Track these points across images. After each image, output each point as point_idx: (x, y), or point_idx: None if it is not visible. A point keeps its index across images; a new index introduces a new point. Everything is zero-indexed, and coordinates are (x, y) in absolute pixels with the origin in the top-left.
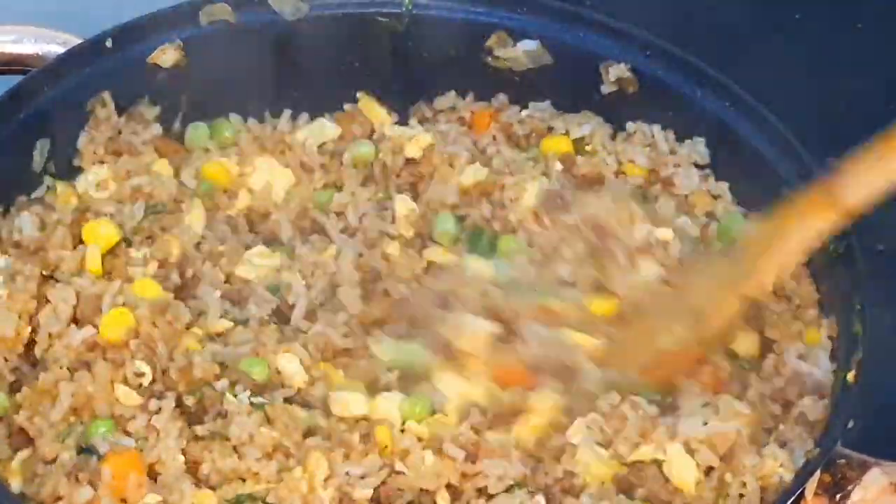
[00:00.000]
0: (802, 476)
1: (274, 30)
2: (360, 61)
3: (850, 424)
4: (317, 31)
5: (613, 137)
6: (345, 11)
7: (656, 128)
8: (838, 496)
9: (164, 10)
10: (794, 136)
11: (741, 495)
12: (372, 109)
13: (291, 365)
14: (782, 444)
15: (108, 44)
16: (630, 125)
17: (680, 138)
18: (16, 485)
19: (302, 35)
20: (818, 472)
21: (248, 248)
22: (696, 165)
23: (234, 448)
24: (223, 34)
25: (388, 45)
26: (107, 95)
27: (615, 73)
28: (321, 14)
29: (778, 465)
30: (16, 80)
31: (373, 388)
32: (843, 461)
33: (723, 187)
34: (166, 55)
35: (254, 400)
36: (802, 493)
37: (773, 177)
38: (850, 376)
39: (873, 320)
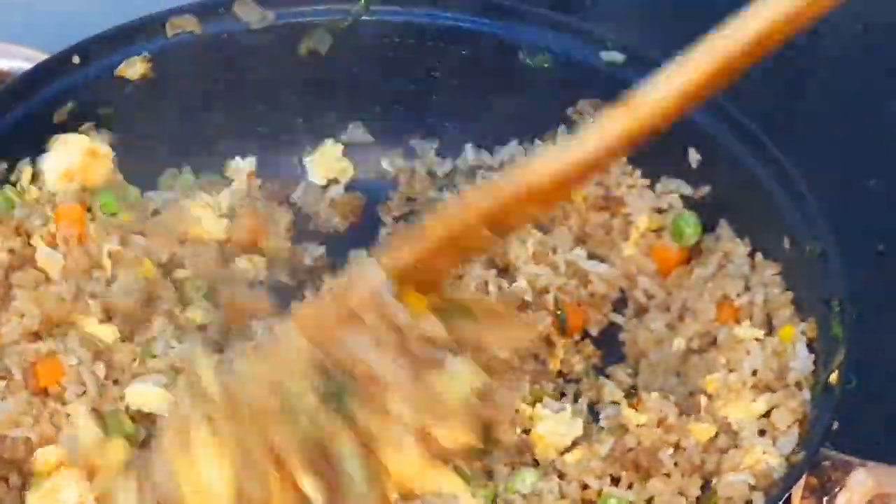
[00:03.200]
0: (789, 480)
1: (241, 39)
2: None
3: (835, 426)
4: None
5: None
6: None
7: None
8: (825, 499)
9: (130, 22)
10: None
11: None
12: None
13: None
14: (762, 433)
15: (76, 59)
16: None
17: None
18: None
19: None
20: (804, 476)
21: None
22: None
23: None
24: (190, 45)
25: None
26: None
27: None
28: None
29: (762, 453)
30: None
31: None
32: (828, 463)
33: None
34: (133, 68)
35: None
36: (789, 497)
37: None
38: (833, 378)
39: (874, 320)
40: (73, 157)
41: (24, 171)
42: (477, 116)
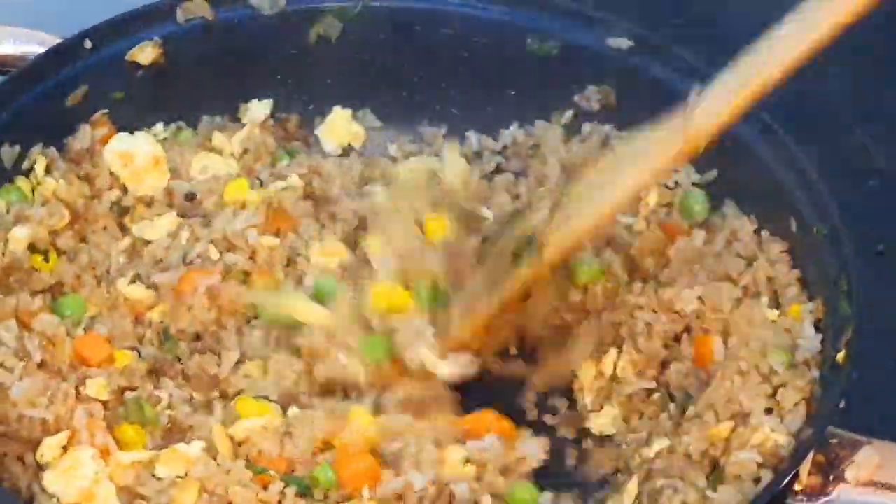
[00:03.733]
0: (797, 457)
1: (253, 25)
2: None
3: (842, 405)
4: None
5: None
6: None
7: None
8: (832, 476)
9: (141, 7)
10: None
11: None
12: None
13: None
14: (769, 412)
15: (87, 44)
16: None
17: None
18: None
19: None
20: (812, 453)
21: None
22: None
23: None
24: (201, 30)
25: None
26: None
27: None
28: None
29: (770, 431)
30: None
31: None
32: (835, 440)
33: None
34: (145, 53)
35: None
36: (797, 474)
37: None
38: (840, 357)
39: (874, 319)
40: (141, 151)
41: (38, 160)
42: (485, 103)
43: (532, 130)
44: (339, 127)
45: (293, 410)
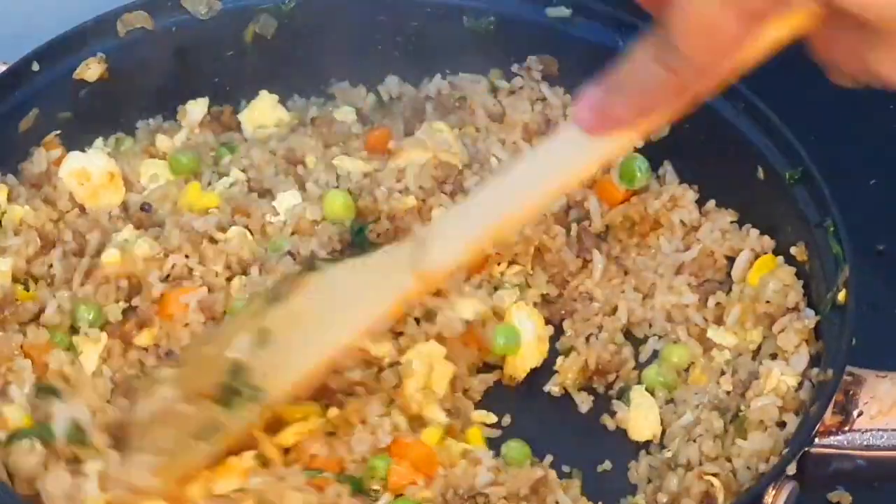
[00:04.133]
0: (823, 400)
1: (191, 29)
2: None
3: (853, 342)
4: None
5: (494, 94)
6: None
7: (544, 85)
8: (854, 412)
9: (82, 24)
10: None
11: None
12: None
13: None
14: (774, 357)
15: (35, 66)
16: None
17: None
18: None
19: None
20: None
21: None
22: None
23: None
24: (143, 41)
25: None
26: None
27: None
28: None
29: (780, 375)
30: None
31: None
32: (849, 378)
33: None
34: (91, 69)
35: None
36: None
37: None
38: (841, 296)
39: (874, 318)
40: (96, 168)
41: None
42: (418, 80)
43: (456, 82)
44: (263, 111)
45: (332, 411)
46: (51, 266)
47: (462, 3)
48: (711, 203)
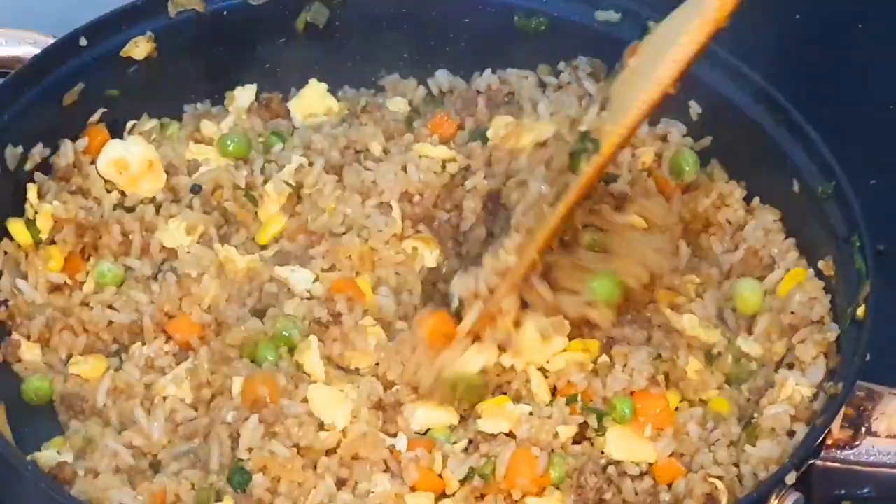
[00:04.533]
0: (831, 412)
1: (242, 14)
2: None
3: (868, 358)
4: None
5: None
6: None
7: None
8: (863, 427)
9: (133, 3)
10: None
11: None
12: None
13: None
14: (791, 367)
15: (82, 42)
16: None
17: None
18: None
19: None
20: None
21: None
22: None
23: None
24: (192, 23)
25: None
26: None
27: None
28: None
29: (795, 385)
30: None
31: None
32: (862, 393)
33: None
34: (139, 48)
35: None
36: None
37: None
38: (861, 312)
39: (874, 318)
40: (134, 157)
41: (30, 188)
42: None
43: (505, 76)
44: (313, 100)
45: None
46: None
47: (513, 2)
48: (756, 200)
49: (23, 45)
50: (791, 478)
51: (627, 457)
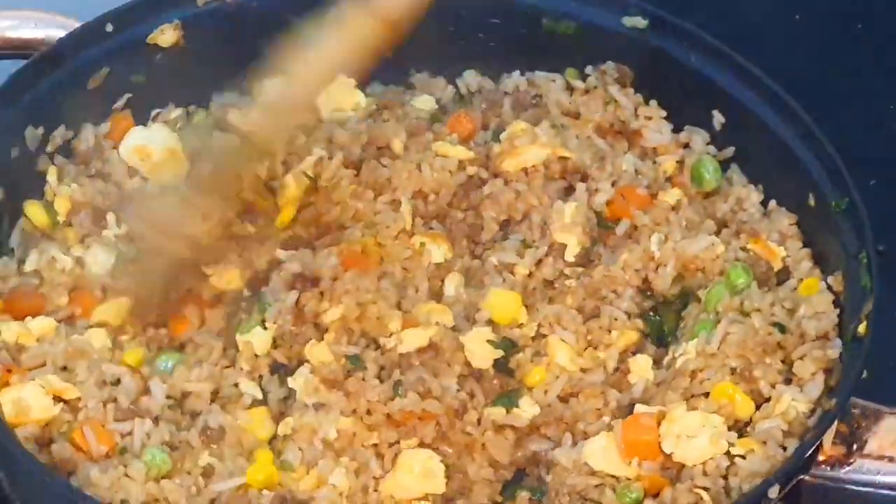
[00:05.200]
0: (822, 425)
1: (270, 7)
2: None
3: (864, 375)
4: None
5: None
6: None
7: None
8: (854, 445)
9: None
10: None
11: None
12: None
13: None
14: (788, 382)
15: (109, 27)
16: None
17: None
18: None
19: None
20: (835, 423)
21: None
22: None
23: None
24: (220, 12)
25: None
26: None
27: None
28: None
29: (791, 400)
30: (18, 64)
31: None
32: (857, 411)
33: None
34: (165, 35)
35: None
36: (821, 443)
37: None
38: (861, 328)
39: (874, 318)
40: (156, 144)
41: (49, 170)
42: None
43: (533, 79)
44: (341, 94)
45: None
46: None
47: (542, 5)
48: (773, 203)
49: (49, 28)
50: (774, 491)
51: (606, 468)
